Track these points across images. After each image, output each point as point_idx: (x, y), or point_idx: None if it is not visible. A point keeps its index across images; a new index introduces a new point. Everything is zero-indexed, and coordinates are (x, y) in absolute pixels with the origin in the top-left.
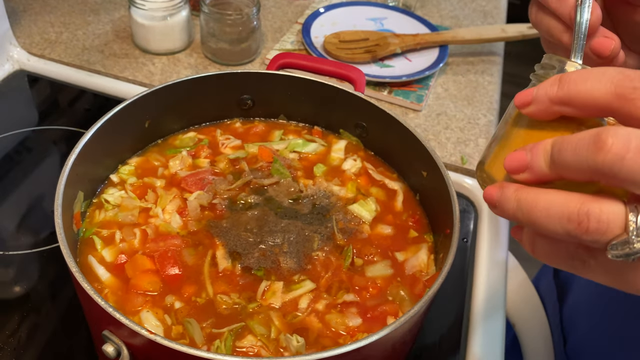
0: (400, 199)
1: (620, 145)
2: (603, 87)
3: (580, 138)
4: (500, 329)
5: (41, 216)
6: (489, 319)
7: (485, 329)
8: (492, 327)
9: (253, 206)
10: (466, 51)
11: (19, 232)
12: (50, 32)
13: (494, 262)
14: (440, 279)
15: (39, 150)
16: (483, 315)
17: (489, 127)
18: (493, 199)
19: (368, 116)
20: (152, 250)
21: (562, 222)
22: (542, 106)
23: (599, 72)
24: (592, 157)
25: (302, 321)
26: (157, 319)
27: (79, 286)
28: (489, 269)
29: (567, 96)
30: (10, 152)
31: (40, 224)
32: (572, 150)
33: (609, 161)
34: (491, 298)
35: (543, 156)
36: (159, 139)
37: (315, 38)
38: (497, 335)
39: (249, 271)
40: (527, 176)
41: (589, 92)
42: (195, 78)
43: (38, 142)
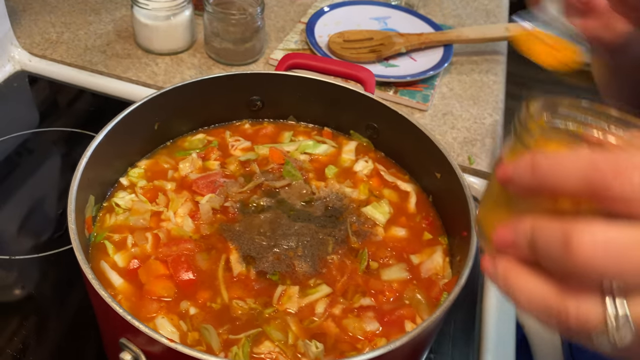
0: (413, 201)
1: (587, 247)
2: (575, 182)
3: (550, 234)
4: (511, 328)
5: (43, 219)
6: (500, 319)
7: (497, 329)
8: (503, 327)
9: (265, 209)
10: (470, 50)
11: (21, 236)
12: (51, 32)
13: None
14: (461, 283)
15: (40, 152)
16: (495, 316)
17: (495, 127)
18: (488, 273)
19: (379, 117)
20: (165, 254)
21: (544, 314)
22: (520, 189)
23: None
24: (563, 257)
25: (319, 326)
26: (173, 325)
27: (94, 293)
28: None
29: (540, 185)
30: (11, 154)
31: (42, 227)
32: (544, 244)
33: (578, 264)
34: (502, 299)
35: (524, 239)
36: (168, 141)
37: (319, 37)
38: (508, 335)
39: (263, 275)
40: (514, 252)
41: (561, 185)
42: (205, 79)
43: (39, 143)
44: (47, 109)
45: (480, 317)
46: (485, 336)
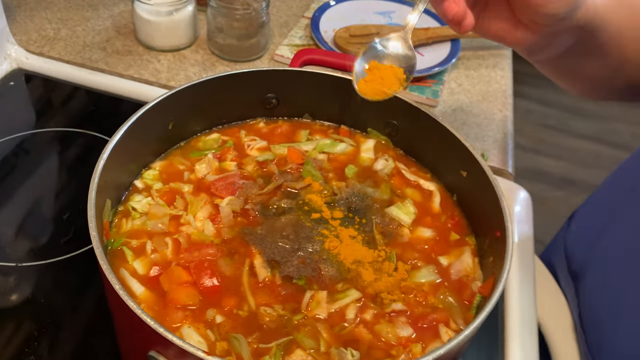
0: (437, 200)
1: None
2: None
3: None
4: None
5: (43, 222)
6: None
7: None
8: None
9: (287, 211)
10: (475, 45)
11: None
12: (48, 29)
13: (522, 260)
14: (501, 286)
15: (38, 153)
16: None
17: (506, 123)
18: None
19: (399, 114)
20: (187, 260)
21: None
22: None
23: None
24: None
25: (351, 332)
26: (200, 335)
27: (119, 304)
28: (519, 269)
29: None
30: (9, 155)
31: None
32: None
33: None
34: (524, 299)
35: None
36: (181, 142)
37: (324, 33)
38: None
39: (289, 280)
40: None
41: None
42: (221, 76)
43: (37, 144)
44: (45, 108)
45: (502, 321)
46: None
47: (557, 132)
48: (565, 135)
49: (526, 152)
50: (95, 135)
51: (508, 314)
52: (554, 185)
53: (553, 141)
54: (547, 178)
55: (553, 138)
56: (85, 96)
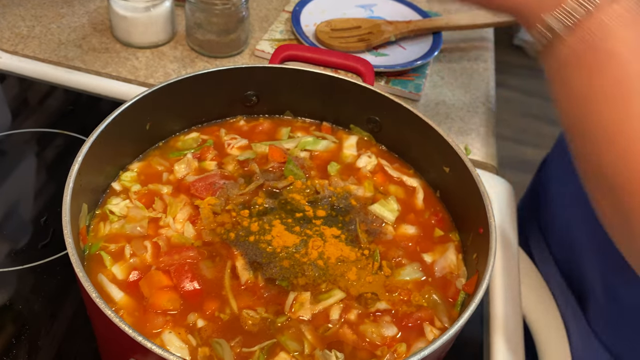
0: (420, 197)
1: None
2: None
3: None
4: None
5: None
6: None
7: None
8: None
9: (269, 211)
10: (457, 38)
11: None
12: (22, 26)
13: (506, 253)
14: (485, 283)
15: (14, 155)
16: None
17: (489, 115)
18: None
19: (380, 110)
20: (167, 264)
21: None
22: None
23: None
24: None
25: (335, 334)
26: (181, 340)
27: (97, 312)
28: (502, 261)
29: None
30: None
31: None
32: None
33: None
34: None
35: None
36: (160, 142)
37: (305, 27)
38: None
39: (272, 282)
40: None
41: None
42: (199, 74)
43: (13, 145)
44: (21, 108)
45: (487, 310)
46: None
47: (538, 121)
48: (547, 123)
49: (508, 141)
50: (73, 135)
51: (493, 308)
52: None
53: (535, 130)
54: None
55: (535, 127)
56: (62, 95)
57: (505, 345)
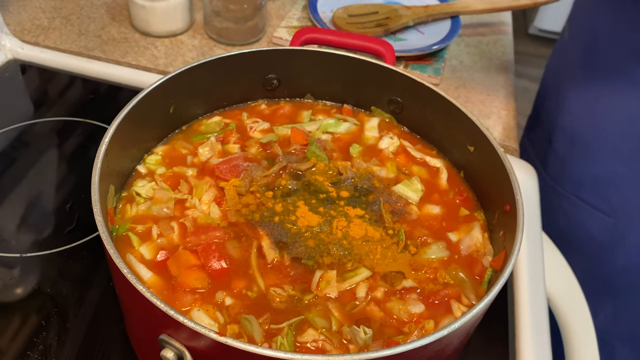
0: (444, 177)
1: None
2: None
3: None
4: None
5: (47, 213)
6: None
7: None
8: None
9: (292, 192)
10: (475, 22)
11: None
12: (42, 18)
13: (530, 236)
14: (514, 259)
15: (38, 144)
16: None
17: (509, 99)
18: None
19: (403, 91)
20: (194, 244)
21: None
22: None
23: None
24: None
25: (362, 311)
26: (210, 317)
27: (128, 288)
28: (527, 244)
29: None
30: (7, 148)
31: (47, 221)
32: None
33: None
34: (532, 270)
35: None
36: (182, 126)
37: (322, 13)
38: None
39: (298, 261)
40: None
41: None
42: (219, 58)
43: (36, 135)
44: (42, 98)
45: (512, 291)
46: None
47: None
48: None
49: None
50: (94, 124)
51: (517, 287)
52: None
53: None
54: None
55: None
56: (83, 85)
57: (530, 323)
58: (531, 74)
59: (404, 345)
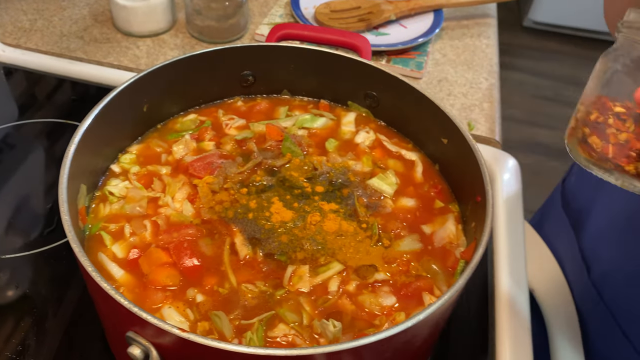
0: (419, 170)
1: None
2: None
3: None
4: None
5: (31, 215)
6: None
7: (512, 296)
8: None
9: (267, 188)
10: (460, 15)
11: (9, 234)
12: (24, 20)
13: (511, 227)
14: (481, 249)
15: (22, 147)
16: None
17: (492, 91)
18: None
19: (378, 85)
20: (166, 242)
21: None
22: None
23: None
24: None
25: (334, 305)
26: (180, 315)
27: (96, 287)
28: (508, 235)
29: None
30: None
31: (32, 223)
32: None
33: None
34: (513, 264)
35: None
36: (158, 124)
37: (305, 10)
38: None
39: (271, 257)
40: None
41: None
42: (192, 56)
43: (21, 137)
44: (26, 100)
45: (493, 283)
46: (500, 303)
47: (551, 103)
48: (560, 105)
49: (520, 124)
50: (76, 125)
51: (498, 279)
52: (549, 156)
53: (547, 112)
54: (542, 149)
55: (547, 109)
56: (65, 87)
57: (509, 317)
58: (526, 67)
59: (367, 337)
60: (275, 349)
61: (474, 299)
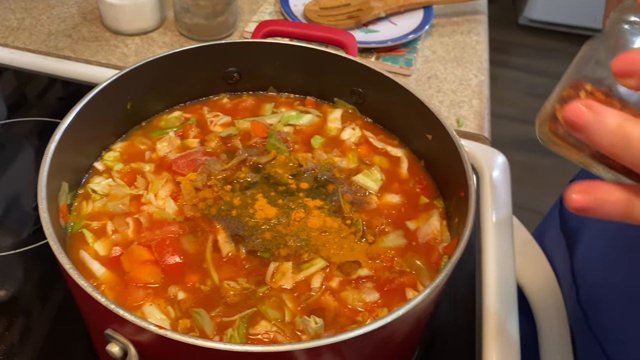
0: (405, 166)
1: None
2: None
3: None
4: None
5: (20, 215)
6: (501, 282)
7: (499, 293)
8: (505, 290)
9: (251, 185)
10: (450, 11)
11: None
12: (12, 19)
13: (499, 224)
14: (462, 244)
15: (12, 146)
16: (496, 279)
17: (482, 88)
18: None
19: (364, 81)
20: (148, 239)
21: None
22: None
23: None
24: None
25: (317, 301)
26: (161, 312)
27: (74, 284)
28: (496, 232)
29: None
30: None
31: (20, 223)
32: None
33: None
34: (501, 261)
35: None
36: (142, 121)
37: (294, 7)
38: (511, 298)
39: (254, 254)
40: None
41: None
42: (176, 52)
43: (9, 137)
44: (14, 100)
45: (480, 280)
46: (488, 300)
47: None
48: None
49: (514, 121)
50: None
51: (485, 275)
52: (544, 154)
53: None
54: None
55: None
56: (57, 85)
57: (497, 313)
58: (521, 65)
59: (346, 333)
60: (251, 346)
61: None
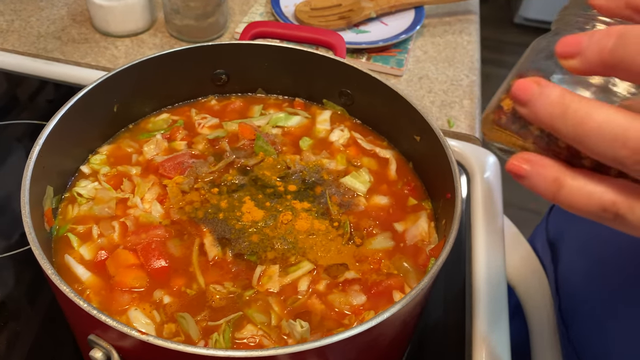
0: (393, 168)
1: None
2: None
3: None
4: (503, 292)
5: (10, 218)
6: (491, 283)
7: (489, 294)
8: (495, 291)
9: (238, 188)
10: (441, 11)
11: None
12: (1, 21)
13: (490, 225)
14: (448, 246)
15: (1, 148)
16: (485, 280)
17: (473, 88)
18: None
19: (352, 83)
20: (134, 243)
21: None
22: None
23: None
24: None
25: (304, 304)
26: (147, 316)
27: (57, 289)
28: (486, 233)
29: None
30: None
31: (10, 226)
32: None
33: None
34: (491, 262)
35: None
36: (130, 124)
37: (285, 8)
38: (501, 299)
39: (241, 257)
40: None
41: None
42: (163, 54)
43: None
44: (5, 102)
45: (470, 281)
46: (477, 301)
47: None
48: None
49: None
50: None
51: (475, 276)
52: None
53: None
54: None
55: None
56: (44, 88)
57: (486, 313)
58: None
59: (330, 337)
60: (235, 351)
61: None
